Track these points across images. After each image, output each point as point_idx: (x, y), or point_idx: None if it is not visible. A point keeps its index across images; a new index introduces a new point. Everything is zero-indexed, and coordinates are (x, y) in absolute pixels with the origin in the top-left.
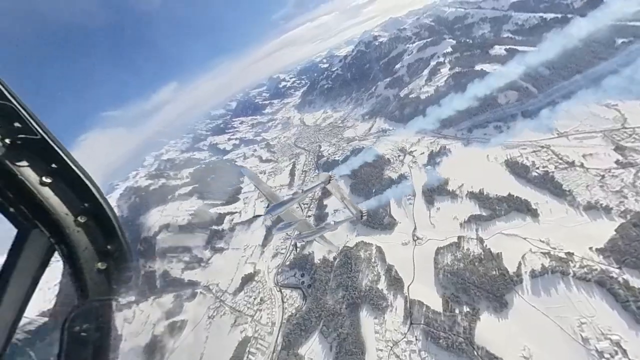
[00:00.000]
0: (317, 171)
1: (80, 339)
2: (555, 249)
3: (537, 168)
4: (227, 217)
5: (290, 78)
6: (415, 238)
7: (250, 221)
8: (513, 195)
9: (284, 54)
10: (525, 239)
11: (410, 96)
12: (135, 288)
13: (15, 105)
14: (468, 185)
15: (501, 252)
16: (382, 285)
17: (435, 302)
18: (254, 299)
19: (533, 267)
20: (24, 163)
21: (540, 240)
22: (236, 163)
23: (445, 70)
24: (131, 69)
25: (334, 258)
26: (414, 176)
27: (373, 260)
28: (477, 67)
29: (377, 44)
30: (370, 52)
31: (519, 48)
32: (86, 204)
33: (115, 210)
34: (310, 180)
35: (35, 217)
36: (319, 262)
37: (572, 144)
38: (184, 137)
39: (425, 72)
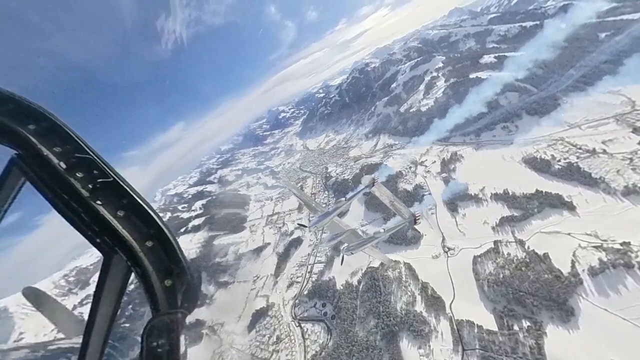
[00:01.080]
0: (326, 192)
1: (155, 350)
2: (606, 240)
3: (559, 161)
4: (232, 248)
5: (289, 109)
6: (447, 249)
7: (259, 250)
8: (541, 191)
9: (281, 89)
10: (569, 234)
11: (411, 110)
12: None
13: (93, 157)
14: (490, 187)
15: (547, 253)
16: (419, 307)
17: (486, 319)
18: (269, 337)
19: (590, 264)
20: (102, 201)
21: (587, 234)
22: (239, 192)
23: (441, 83)
24: (143, 112)
25: (359, 282)
26: (431, 185)
27: (404, 279)
28: (472, 76)
29: (369, 69)
30: (364, 77)
31: (507, 54)
32: (151, 230)
33: None
34: (322, 202)
35: (115, 245)
36: (341, 287)
37: (587, 133)
38: (192, 172)
39: (422, 87)
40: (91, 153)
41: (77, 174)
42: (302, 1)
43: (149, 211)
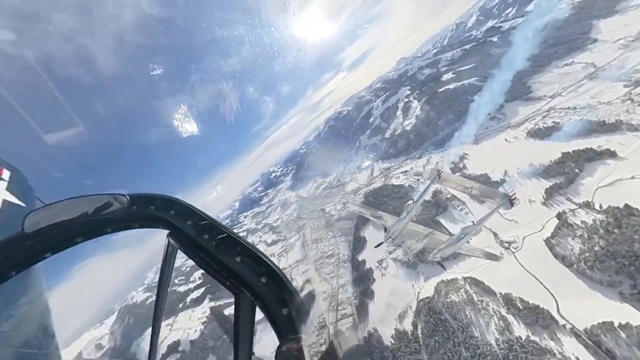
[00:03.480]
0: (330, 233)
1: None
2: None
3: (564, 124)
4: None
5: (279, 168)
6: (507, 245)
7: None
8: (568, 152)
9: (270, 154)
10: (632, 177)
11: (397, 133)
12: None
13: (210, 221)
14: (511, 168)
15: (627, 203)
16: (519, 330)
17: (625, 313)
18: None
19: None
20: (224, 252)
21: None
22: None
23: (415, 104)
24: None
25: (414, 324)
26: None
27: (476, 299)
28: (440, 90)
29: (343, 115)
30: (340, 122)
31: (462, 68)
32: (262, 268)
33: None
34: (326, 245)
35: (240, 285)
36: (392, 342)
37: (571, 96)
38: None
39: (399, 112)
40: (207, 218)
41: (204, 236)
42: (274, 79)
43: (257, 253)
